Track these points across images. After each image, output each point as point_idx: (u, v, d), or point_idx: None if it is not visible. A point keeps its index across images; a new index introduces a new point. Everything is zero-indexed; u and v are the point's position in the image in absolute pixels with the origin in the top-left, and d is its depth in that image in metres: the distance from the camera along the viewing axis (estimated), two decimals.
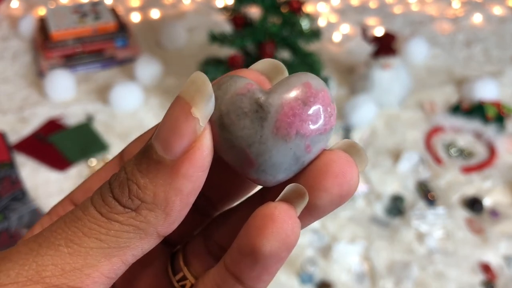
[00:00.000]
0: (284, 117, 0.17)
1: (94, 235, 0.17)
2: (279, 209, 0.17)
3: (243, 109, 0.17)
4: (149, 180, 0.17)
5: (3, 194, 0.83)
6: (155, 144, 0.17)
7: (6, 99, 1.06)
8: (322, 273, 0.73)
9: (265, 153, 0.17)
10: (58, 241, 0.17)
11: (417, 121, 1.01)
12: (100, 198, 0.17)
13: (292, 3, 0.89)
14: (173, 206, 0.17)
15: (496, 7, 1.42)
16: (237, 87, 0.18)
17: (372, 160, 0.91)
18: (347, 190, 0.17)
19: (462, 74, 1.15)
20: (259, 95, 0.17)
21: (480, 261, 0.75)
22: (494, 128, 0.96)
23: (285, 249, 0.17)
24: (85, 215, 0.17)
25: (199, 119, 0.16)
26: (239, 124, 0.17)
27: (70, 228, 0.17)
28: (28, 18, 1.26)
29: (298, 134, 0.17)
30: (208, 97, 0.17)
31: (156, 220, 0.17)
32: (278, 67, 0.19)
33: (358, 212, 0.82)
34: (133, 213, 0.17)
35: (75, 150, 0.93)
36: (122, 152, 0.22)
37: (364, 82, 1.03)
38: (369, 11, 1.42)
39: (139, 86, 1.05)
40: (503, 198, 0.85)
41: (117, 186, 0.17)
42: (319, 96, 0.18)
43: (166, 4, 1.43)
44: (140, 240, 0.17)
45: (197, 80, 0.17)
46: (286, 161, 0.18)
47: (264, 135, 0.17)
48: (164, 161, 0.17)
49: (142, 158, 0.17)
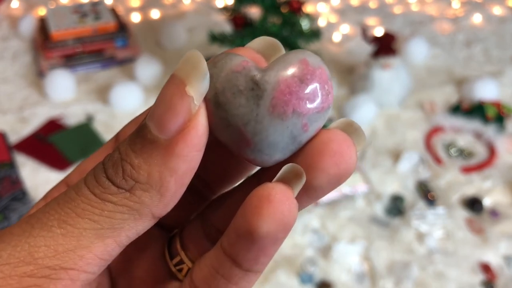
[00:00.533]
0: (281, 95, 0.17)
1: (87, 215, 0.16)
2: (276, 189, 0.16)
3: (238, 87, 0.17)
4: (143, 160, 0.16)
5: (3, 194, 0.83)
6: (149, 123, 0.16)
7: (6, 99, 1.06)
8: (322, 273, 0.73)
9: (262, 132, 0.17)
10: (51, 222, 0.16)
11: (417, 121, 1.01)
12: (93, 179, 0.17)
13: (292, 3, 0.89)
14: (168, 187, 0.17)
15: (496, 7, 1.42)
16: (233, 64, 0.17)
17: (372, 160, 0.91)
18: (345, 169, 0.17)
19: (462, 74, 1.15)
20: (254, 73, 0.17)
21: (480, 261, 0.75)
22: (494, 128, 0.96)
23: (282, 230, 0.16)
24: (79, 196, 0.17)
25: (193, 98, 0.16)
26: (235, 102, 0.17)
27: (63, 209, 0.17)
28: (28, 18, 1.26)
29: (295, 112, 0.17)
30: (203, 75, 0.16)
31: (150, 201, 0.17)
32: (275, 44, 0.19)
33: (358, 212, 0.82)
34: (127, 193, 0.17)
35: (75, 150, 0.93)
36: (117, 134, 0.22)
37: (364, 82, 1.03)
38: (369, 11, 1.42)
39: (139, 86, 1.05)
40: (503, 198, 0.85)
41: (111, 166, 0.17)
42: (316, 74, 0.17)
43: (166, 4, 1.43)
44: (134, 221, 0.17)
45: (192, 58, 0.16)
46: (283, 140, 0.17)
47: (260, 114, 0.17)
48: (158, 141, 0.16)
49: (136, 138, 0.17)
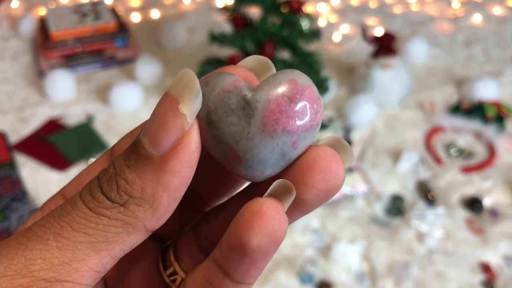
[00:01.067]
0: (271, 114, 0.17)
1: (82, 229, 0.17)
2: (267, 204, 0.17)
3: (230, 106, 0.17)
4: (137, 175, 0.17)
5: (3, 194, 0.84)
6: (143, 139, 0.17)
7: (6, 99, 1.06)
8: (322, 273, 0.73)
9: (252, 150, 0.18)
10: (47, 235, 0.17)
11: (417, 121, 1.01)
12: (88, 193, 0.17)
13: (292, 3, 0.89)
14: (161, 202, 0.17)
15: (496, 7, 1.42)
16: (224, 84, 0.18)
17: (372, 160, 0.91)
18: (333, 185, 0.18)
19: (462, 74, 1.15)
20: (246, 92, 0.18)
21: (480, 261, 0.75)
22: (494, 128, 0.96)
23: (273, 244, 0.17)
24: (74, 210, 0.17)
25: (186, 115, 0.17)
26: (226, 120, 0.17)
27: (59, 222, 0.17)
28: (28, 18, 1.26)
29: (285, 131, 0.17)
30: (196, 94, 0.17)
31: (144, 215, 0.17)
32: (266, 63, 0.19)
33: (358, 212, 0.82)
34: (121, 208, 0.17)
35: (75, 150, 0.93)
36: (112, 147, 0.22)
37: (364, 82, 1.03)
38: (369, 11, 1.42)
39: (139, 86, 1.05)
40: (503, 198, 0.85)
41: (106, 181, 0.17)
42: (305, 93, 0.18)
43: (166, 4, 1.43)
44: (128, 234, 0.17)
45: (185, 77, 0.17)
46: (273, 157, 0.18)
47: (251, 132, 0.17)
48: (152, 157, 0.17)
49: (130, 153, 0.17)
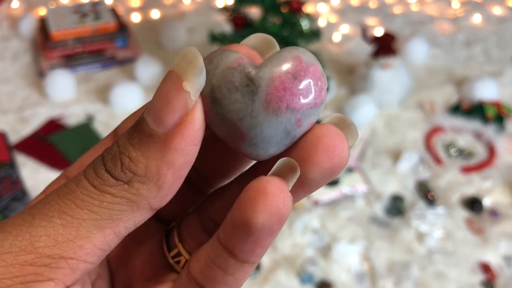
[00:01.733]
0: (275, 91, 0.17)
1: (86, 207, 0.17)
2: (271, 182, 0.17)
3: (234, 83, 0.17)
4: (141, 153, 0.17)
5: (3, 194, 0.84)
6: (147, 117, 0.17)
7: (6, 99, 1.06)
8: (322, 273, 0.73)
9: (256, 127, 0.18)
10: (51, 213, 0.17)
11: (417, 121, 1.01)
12: (92, 171, 0.18)
13: (292, 3, 0.89)
14: (165, 179, 0.17)
15: (496, 7, 1.42)
16: (228, 61, 0.18)
17: (372, 160, 0.91)
18: (338, 163, 0.18)
19: (462, 74, 1.15)
20: (249, 69, 0.18)
21: (480, 261, 0.75)
22: (494, 128, 0.96)
23: (277, 222, 0.17)
24: (78, 188, 0.17)
25: (190, 93, 0.17)
26: (230, 98, 0.17)
27: (63, 200, 0.17)
28: (28, 18, 1.26)
29: (289, 108, 0.17)
30: (199, 71, 0.17)
31: (148, 193, 0.17)
32: (269, 41, 0.19)
33: (358, 212, 0.82)
34: (125, 185, 0.17)
35: (75, 150, 0.93)
36: (116, 129, 0.22)
37: (364, 82, 1.03)
38: (369, 11, 1.42)
39: (139, 86, 1.05)
40: (503, 198, 0.85)
41: (110, 159, 0.17)
42: (309, 70, 0.18)
43: (166, 4, 1.43)
44: (132, 212, 0.17)
45: (188, 54, 0.17)
46: (277, 135, 0.18)
47: (255, 109, 0.17)
48: (156, 134, 0.17)
49: (134, 131, 0.17)
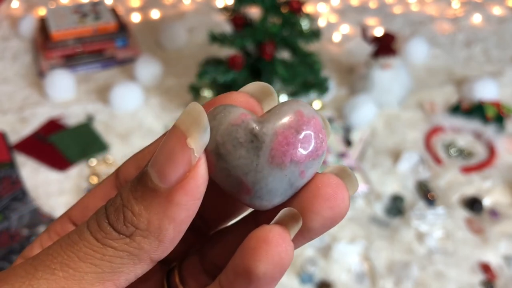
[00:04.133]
0: (279, 146, 0.18)
1: (89, 260, 0.17)
2: (274, 232, 0.17)
3: (238, 139, 0.18)
4: (143, 207, 0.17)
5: (3, 194, 0.84)
6: (151, 172, 0.17)
7: (6, 99, 1.06)
8: (322, 273, 0.73)
9: (261, 181, 0.18)
10: (54, 265, 0.17)
11: (417, 121, 1.01)
12: (95, 224, 0.18)
13: (292, 3, 0.89)
14: (167, 234, 0.17)
15: (496, 7, 1.42)
16: (231, 117, 0.18)
17: (372, 160, 0.91)
18: (338, 213, 0.18)
19: (462, 74, 1.15)
20: (253, 125, 0.18)
21: (480, 261, 0.75)
22: (494, 128, 0.96)
23: (279, 271, 0.17)
24: (81, 240, 0.18)
25: (194, 150, 0.17)
26: (235, 154, 0.18)
27: (66, 252, 0.17)
28: (28, 18, 1.26)
29: (293, 162, 0.18)
30: (204, 129, 0.17)
31: (149, 247, 0.18)
32: (268, 89, 0.20)
33: (358, 212, 0.82)
34: (127, 239, 0.17)
35: (75, 150, 0.93)
36: (117, 170, 0.23)
37: (364, 82, 1.03)
38: (369, 11, 1.42)
39: (139, 86, 1.05)
40: (503, 198, 0.85)
41: (113, 212, 0.18)
42: (311, 124, 0.18)
43: (166, 4, 1.43)
44: (133, 265, 0.18)
45: (193, 111, 0.17)
46: (282, 187, 0.18)
47: (260, 164, 0.18)
48: (159, 189, 0.17)
49: (137, 185, 0.18)
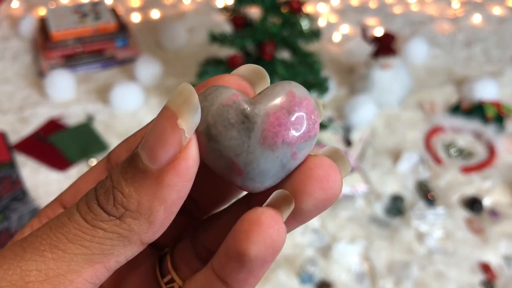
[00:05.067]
0: (270, 127, 0.18)
1: (78, 241, 0.17)
2: (266, 214, 0.17)
3: (229, 120, 0.18)
4: (134, 188, 0.17)
5: (3, 194, 0.84)
6: (141, 153, 0.17)
7: (6, 99, 1.06)
8: (322, 273, 0.73)
9: (253, 162, 0.18)
10: (43, 247, 0.17)
11: (417, 121, 1.01)
12: (85, 205, 0.18)
13: (292, 3, 0.89)
14: (157, 215, 0.17)
15: (496, 7, 1.42)
16: (223, 98, 0.18)
17: (372, 160, 0.91)
18: (331, 194, 0.18)
19: (462, 74, 1.15)
20: (244, 106, 0.18)
21: (480, 261, 0.75)
22: (494, 128, 0.96)
23: (271, 253, 0.17)
24: (70, 221, 0.17)
25: (185, 130, 0.17)
26: (227, 134, 0.18)
27: (55, 234, 0.17)
28: (28, 18, 1.26)
29: (284, 143, 0.18)
30: (195, 109, 0.17)
31: (139, 229, 0.17)
32: (260, 72, 0.20)
33: (358, 212, 0.82)
34: (117, 221, 0.17)
35: (75, 150, 0.93)
36: (109, 154, 0.22)
37: (364, 82, 1.03)
38: (369, 11, 1.42)
39: (139, 86, 1.05)
40: (503, 198, 0.85)
41: (103, 193, 0.17)
42: (303, 105, 0.18)
43: (166, 4, 1.43)
44: (123, 247, 0.18)
45: (184, 91, 0.17)
46: (274, 169, 0.18)
47: (252, 145, 0.18)
48: (149, 171, 0.17)
49: (128, 166, 0.17)
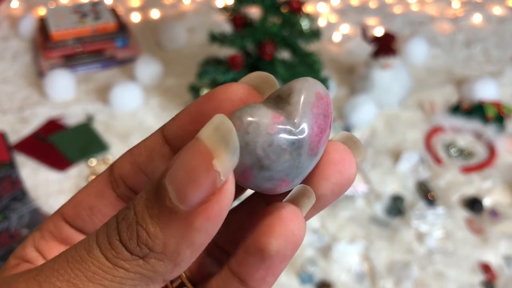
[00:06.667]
0: (315, 137, 0.18)
1: (98, 280, 0.16)
2: (287, 209, 0.17)
3: (281, 147, 0.17)
4: (160, 229, 0.16)
5: (3, 194, 0.83)
6: (169, 187, 0.15)
7: (6, 99, 1.06)
8: (322, 273, 0.73)
9: (301, 174, 0.18)
10: (60, 283, 0.16)
11: (417, 121, 1.01)
12: (106, 240, 0.16)
13: (292, 3, 0.89)
14: (184, 258, 0.16)
15: (496, 7, 1.42)
16: (266, 126, 0.17)
17: (372, 160, 0.91)
18: (347, 178, 0.18)
19: (462, 74, 1.15)
20: (289, 127, 0.17)
21: (480, 261, 0.75)
22: (494, 128, 0.96)
23: (291, 248, 0.17)
24: (90, 257, 0.16)
25: (220, 173, 0.15)
26: (279, 160, 0.17)
27: (73, 270, 0.16)
28: (28, 18, 1.26)
29: (324, 144, 0.18)
30: (234, 150, 0.15)
31: (164, 270, 0.16)
32: (270, 80, 0.19)
33: (358, 212, 0.82)
34: (140, 261, 0.16)
35: (75, 150, 0.93)
36: (111, 166, 0.21)
37: (364, 82, 1.03)
38: (369, 11, 1.41)
39: (139, 86, 1.05)
40: (503, 198, 0.85)
41: (125, 229, 0.16)
42: (329, 102, 0.18)
43: (166, 4, 1.43)
44: (146, 287, 0.17)
45: (222, 127, 0.15)
46: (310, 169, 0.19)
47: (302, 160, 0.18)
48: (178, 211, 0.15)
49: (154, 201, 0.16)
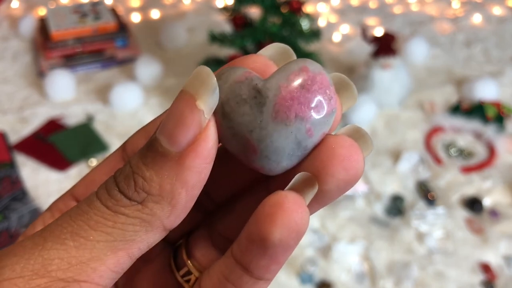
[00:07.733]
0: (282, 100, 0.17)
1: (100, 228, 0.17)
2: (289, 197, 0.17)
3: (241, 96, 0.18)
4: (154, 172, 0.17)
5: (3, 194, 0.83)
6: (160, 137, 0.17)
7: (6, 99, 1.06)
8: (322, 273, 0.73)
9: (266, 138, 0.18)
10: (64, 235, 0.17)
11: (417, 121, 1.01)
12: (105, 192, 0.17)
13: (292, 3, 0.89)
14: (179, 198, 0.17)
15: (496, 7, 1.42)
16: (236, 75, 0.18)
17: (372, 160, 0.91)
18: (353, 174, 0.17)
19: (462, 74, 1.15)
20: (256, 81, 0.18)
21: (480, 261, 0.75)
22: (494, 128, 0.96)
23: (294, 237, 0.17)
24: (91, 209, 0.17)
25: (204, 111, 0.17)
26: (239, 110, 0.18)
27: (75, 221, 0.17)
28: (28, 18, 1.26)
29: (298, 117, 0.17)
30: (213, 89, 0.17)
31: (162, 213, 0.17)
32: (287, 51, 0.19)
33: (358, 212, 0.82)
34: (139, 205, 0.17)
35: (75, 150, 0.93)
36: (124, 144, 0.22)
37: (364, 82, 1.03)
38: (369, 11, 1.42)
39: (139, 86, 1.05)
40: (503, 198, 0.85)
41: (123, 179, 0.17)
42: (316, 79, 0.18)
43: (166, 4, 1.43)
44: (146, 233, 0.17)
45: (202, 73, 0.17)
46: (288, 146, 0.18)
47: (264, 120, 0.17)
48: (169, 154, 0.17)
49: (147, 151, 0.17)
